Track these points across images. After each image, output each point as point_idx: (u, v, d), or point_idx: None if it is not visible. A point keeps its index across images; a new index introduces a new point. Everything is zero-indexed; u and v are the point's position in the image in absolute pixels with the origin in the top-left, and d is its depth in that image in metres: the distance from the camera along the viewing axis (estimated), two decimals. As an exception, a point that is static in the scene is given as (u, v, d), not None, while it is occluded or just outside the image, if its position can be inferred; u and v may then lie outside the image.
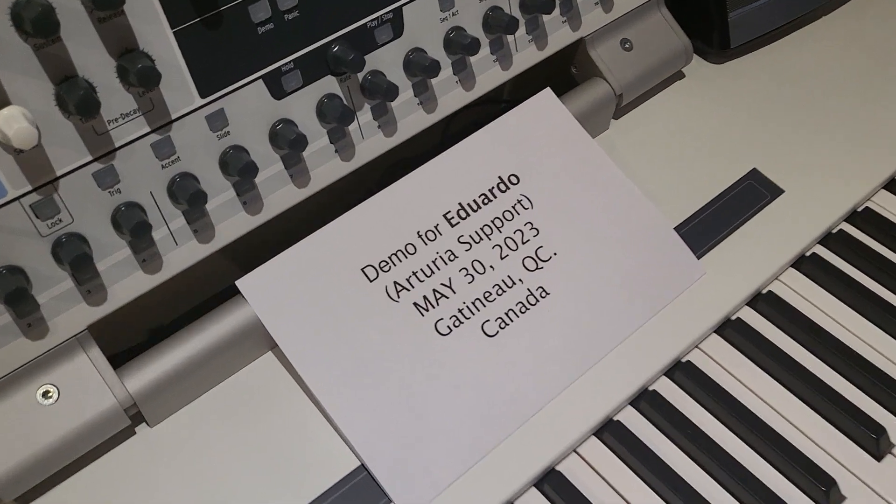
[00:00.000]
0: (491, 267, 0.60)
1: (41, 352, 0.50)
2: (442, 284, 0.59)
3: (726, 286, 0.63)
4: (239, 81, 0.51)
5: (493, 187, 0.62)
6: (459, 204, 0.61)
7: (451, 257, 0.60)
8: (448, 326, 0.58)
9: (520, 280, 0.60)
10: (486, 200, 0.62)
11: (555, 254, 0.61)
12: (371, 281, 0.58)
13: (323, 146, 0.56)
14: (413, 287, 0.58)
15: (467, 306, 0.58)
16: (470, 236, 0.60)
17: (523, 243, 0.61)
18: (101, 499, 0.51)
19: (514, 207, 0.62)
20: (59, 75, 0.44)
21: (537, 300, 0.60)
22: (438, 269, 0.59)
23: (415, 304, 0.58)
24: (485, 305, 0.59)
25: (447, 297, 0.58)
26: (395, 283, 0.58)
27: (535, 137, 0.65)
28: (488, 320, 0.58)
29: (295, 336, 0.55)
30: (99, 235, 0.49)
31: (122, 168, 0.49)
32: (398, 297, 0.58)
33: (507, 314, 0.59)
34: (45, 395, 0.50)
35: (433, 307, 0.58)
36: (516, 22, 0.59)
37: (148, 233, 0.49)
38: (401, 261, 0.59)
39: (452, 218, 0.61)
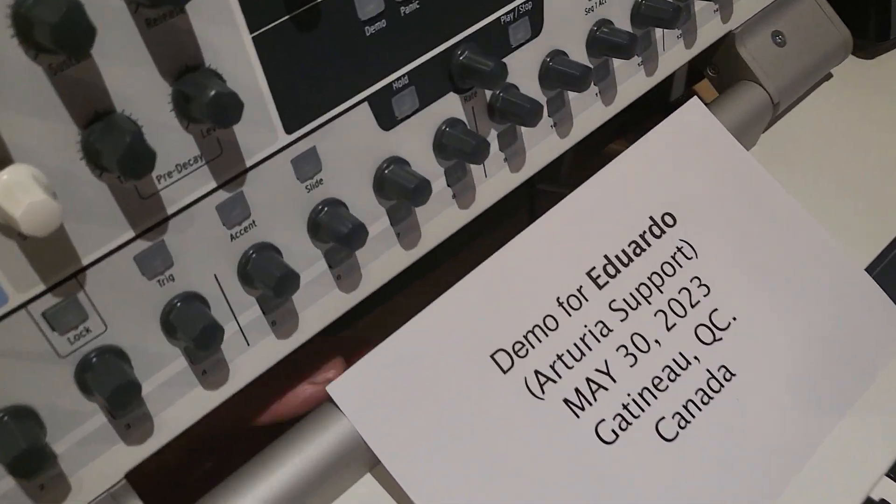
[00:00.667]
0: (657, 342, 0.45)
1: (60, 523, 0.33)
2: (597, 371, 0.43)
3: (939, 347, 0.49)
4: (338, 106, 0.35)
5: (644, 232, 0.47)
6: (606, 257, 0.46)
7: (604, 332, 0.44)
8: (613, 431, 0.42)
9: (695, 358, 0.45)
10: (637, 250, 0.47)
11: (734, 318, 0.46)
12: (505, 372, 0.42)
13: (438, 191, 0.41)
14: (561, 377, 0.43)
15: (633, 400, 0.43)
16: (624, 301, 0.45)
17: (692, 306, 0.46)
18: None
19: (674, 258, 0.47)
20: (87, 112, 0.28)
21: (721, 385, 0.45)
22: (590, 350, 0.44)
23: (566, 400, 0.42)
24: (656, 397, 0.44)
25: (606, 389, 0.43)
26: (537, 372, 0.42)
27: (686, 162, 0.49)
28: (663, 418, 0.43)
29: (406, 452, 0.40)
30: (144, 345, 0.33)
31: (176, 245, 0.32)
32: (543, 391, 0.42)
33: (685, 408, 0.44)
34: (69, 583, 0.33)
35: (590, 404, 0.43)
36: (679, 11, 0.44)
37: (219, 339, 0.32)
38: (540, 341, 0.43)
39: (599, 277, 0.45)
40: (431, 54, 0.37)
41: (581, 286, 0.45)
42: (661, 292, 0.46)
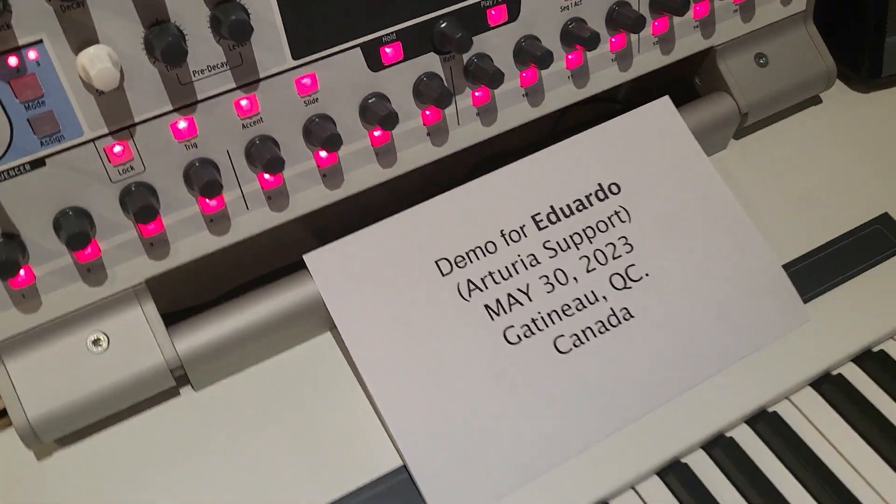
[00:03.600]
0: (574, 279, 0.56)
1: (96, 298, 0.48)
2: (518, 290, 0.55)
3: (831, 338, 0.57)
4: (335, 47, 0.48)
5: (590, 194, 0.58)
6: (551, 207, 0.57)
7: (533, 262, 0.56)
8: (518, 335, 0.54)
9: (603, 297, 0.56)
10: (580, 207, 0.57)
11: (646, 275, 0.57)
12: (444, 275, 0.54)
13: (414, 127, 0.53)
14: (487, 288, 0.54)
15: (542, 317, 0.54)
16: (557, 243, 0.56)
17: (614, 258, 0.57)
18: (135, 453, 0.50)
19: (609, 219, 0.57)
20: (150, 18, 0.42)
21: (619, 322, 0.55)
22: (517, 273, 0.55)
23: (486, 306, 0.54)
24: (561, 319, 0.55)
25: (521, 304, 0.55)
26: (469, 281, 0.54)
27: (645, 147, 0.60)
28: (562, 335, 0.54)
29: (355, 319, 0.52)
30: (169, 188, 0.47)
31: (202, 122, 0.47)
32: (469, 296, 0.54)
33: (583, 332, 0.54)
34: (96, 342, 0.49)
35: (505, 312, 0.54)
36: (643, 21, 0.54)
37: (218, 192, 0.47)
38: (479, 258, 0.55)
39: (541, 221, 0.57)
40: (417, 21, 0.50)
41: (524, 225, 0.56)
42: (591, 243, 0.57)
